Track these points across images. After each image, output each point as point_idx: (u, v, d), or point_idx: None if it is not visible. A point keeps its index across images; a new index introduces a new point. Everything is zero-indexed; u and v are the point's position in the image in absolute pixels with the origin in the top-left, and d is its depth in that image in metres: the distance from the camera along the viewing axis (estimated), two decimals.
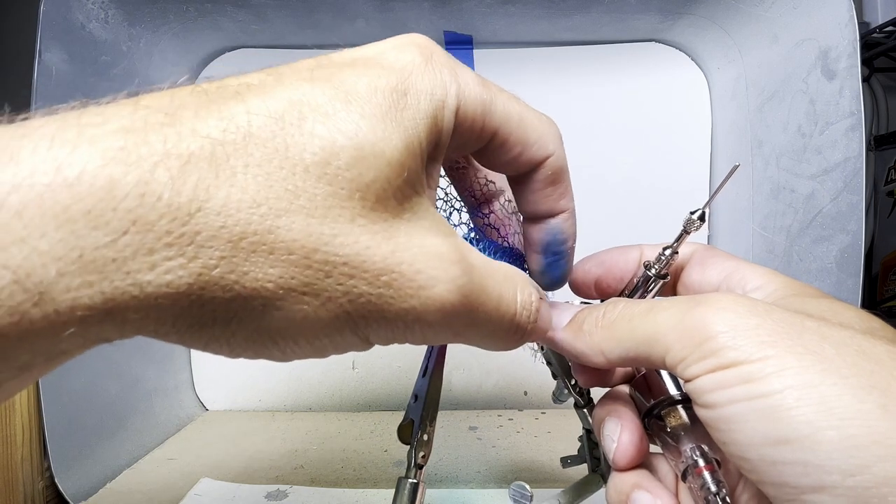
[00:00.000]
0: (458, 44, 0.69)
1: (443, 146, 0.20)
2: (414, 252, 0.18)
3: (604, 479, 0.35)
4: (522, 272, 0.23)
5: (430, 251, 0.19)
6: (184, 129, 0.15)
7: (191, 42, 0.67)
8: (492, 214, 0.27)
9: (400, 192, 0.18)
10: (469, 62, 0.71)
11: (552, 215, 0.25)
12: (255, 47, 0.71)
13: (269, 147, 0.16)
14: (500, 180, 0.27)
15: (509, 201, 0.28)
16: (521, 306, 0.22)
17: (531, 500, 0.35)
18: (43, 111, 0.15)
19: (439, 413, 0.29)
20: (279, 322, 0.17)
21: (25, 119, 0.15)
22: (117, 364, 0.62)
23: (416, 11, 0.63)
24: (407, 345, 0.20)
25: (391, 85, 0.18)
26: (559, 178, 0.24)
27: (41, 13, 0.51)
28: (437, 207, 0.23)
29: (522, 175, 0.24)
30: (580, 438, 0.37)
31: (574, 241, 0.26)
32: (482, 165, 0.25)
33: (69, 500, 0.50)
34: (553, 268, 0.26)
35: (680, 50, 0.71)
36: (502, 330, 0.22)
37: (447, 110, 0.20)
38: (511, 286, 0.22)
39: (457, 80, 0.20)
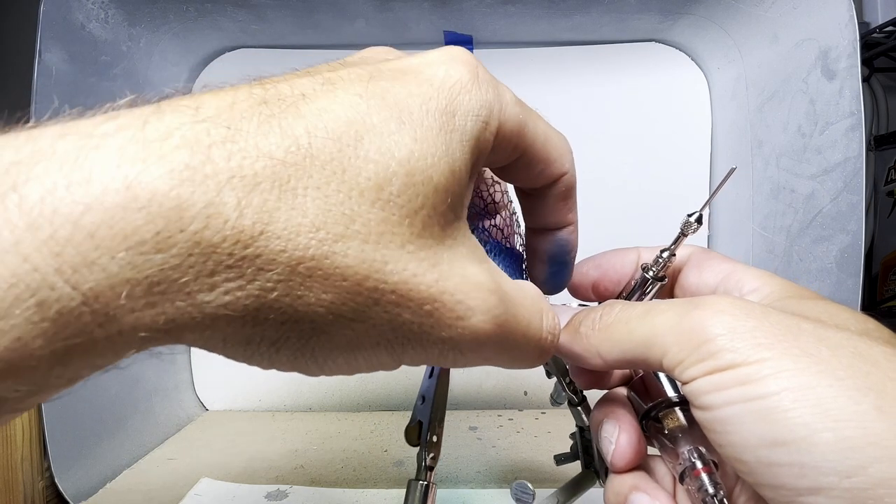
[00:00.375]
0: (458, 44, 0.69)
1: (479, 165, 0.20)
2: (456, 281, 0.18)
3: (598, 475, 0.35)
4: (541, 291, 0.24)
5: (471, 280, 0.19)
6: (247, 145, 0.15)
7: (191, 42, 0.67)
8: (498, 216, 0.28)
9: (443, 217, 0.18)
10: None
11: (559, 228, 0.26)
12: (255, 47, 0.71)
13: (327, 169, 0.16)
14: (503, 182, 0.28)
15: (511, 202, 0.28)
16: (547, 331, 0.22)
17: (533, 499, 0.35)
18: (101, 109, 0.15)
19: None
20: (323, 344, 0.17)
21: (87, 118, 0.15)
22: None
23: (417, 11, 0.63)
24: None
25: (441, 107, 0.18)
26: (570, 193, 0.24)
27: (41, 13, 0.51)
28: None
29: (536, 189, 0.24)
30: (572, 436, 0.37)
31: (576, 251, 0.27)
32: (499, 177, 0.25)
33: (69, 500, 0.51)
34: (556, 276, 0.27)
35: (680, 50, 0.71)
36: (526, 353, 0.22)
37: (489, 132, 0.20)
38: (537, 312, 0.22)
39: (499, 99, 0.20)
